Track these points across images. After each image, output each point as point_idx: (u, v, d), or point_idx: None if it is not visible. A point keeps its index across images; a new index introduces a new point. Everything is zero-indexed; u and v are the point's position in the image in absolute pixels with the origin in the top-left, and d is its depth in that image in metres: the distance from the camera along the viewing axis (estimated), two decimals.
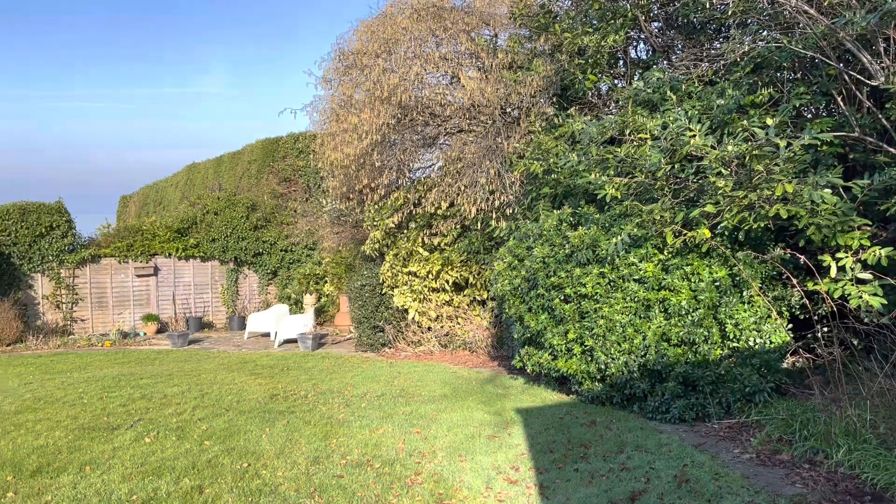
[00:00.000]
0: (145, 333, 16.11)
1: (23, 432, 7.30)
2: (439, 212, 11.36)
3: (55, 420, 7.80)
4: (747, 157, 6.23)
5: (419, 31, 10.13)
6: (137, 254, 16.45)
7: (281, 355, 12.83)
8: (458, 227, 11.53)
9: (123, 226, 17.16)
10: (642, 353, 7.42)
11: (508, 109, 10.51)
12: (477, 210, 10.24)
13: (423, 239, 11.93)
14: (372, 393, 9.07)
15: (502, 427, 7.29)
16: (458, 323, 12.34)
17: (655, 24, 9.65)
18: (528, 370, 8.74)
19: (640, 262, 7.52)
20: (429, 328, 12.45)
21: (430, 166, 12.71)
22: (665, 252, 7.46)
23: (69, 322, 15.76)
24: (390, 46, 10.22)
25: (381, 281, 12.53)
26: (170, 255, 16.88)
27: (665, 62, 9.57)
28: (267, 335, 15.66)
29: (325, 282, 17.07)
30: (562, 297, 8.05)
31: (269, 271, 17.93)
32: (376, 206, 12.39)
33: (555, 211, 8.66)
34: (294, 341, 14.35)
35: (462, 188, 10.30)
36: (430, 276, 11.99)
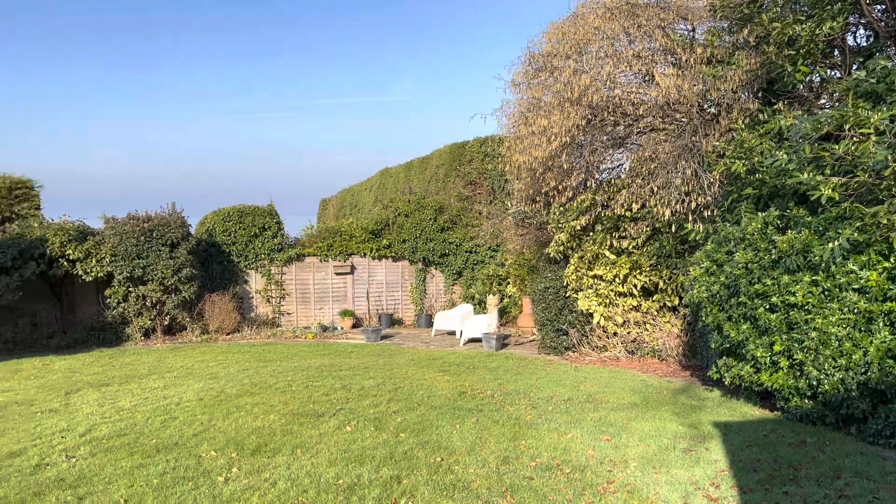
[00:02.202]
0: (342, 328, 17.23)
1: (243, 414, 8.10)
2: (628, 214, 11.05)
3: (269, 405, 8.57)
4: None
5: (611, 29, 9.90)
6: (336, 253, 17.64)
7: (466, 354, 13.15)
8: (648, 229, 11.14)
9: (324, 227, 18.49)
10: (863, 371, 6.72)
11: (706, 106, 9.97)
12: (671, 212, 9.82)
13: (609, 241, 11.66)
14: (558, 397, 9.02)
15: (699, 441, 6.94)
16: (647, 329, 11.92)
17: (879, 6, 8.69)
18: (726, 382, 8.24)
19: (861, 269, 6.80)
20: (614, 333, 12.16)
21: (619, 166, 12.40)
22: (892, 259, 6.69)
23: (277, 315, 17.27)
24: (581, 47, 10.09)
25: (564, 284, 12.42)
26: (364, 254, 17.92)
27: (892, 49, 8.58)
28: (452, 333, 16.12)
29: (508, 283, 17.24)
30: (767, 306, 7.49)
31: (454, 271, 18.45)
32: (562, 209, 12.29)
33: (759, 213, 8.07)
34: (478, 340, 14.64)
35: (655, 189, 9.92)
36: (616, 279, 11.70)
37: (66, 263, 14.43)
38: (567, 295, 12.47)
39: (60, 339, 14.41)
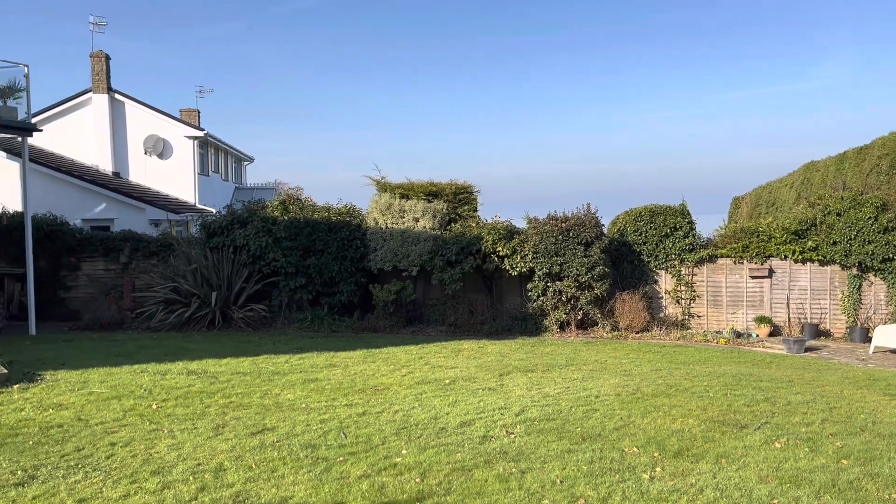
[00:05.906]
0: (757, 335, 16.06)
1: (660, 415, 8.09)
2: None
3: (686, 408, 8.40)
4: None
5: None
6: (752, 255, 16.50)
7: None
8: None
9: (738, 227, 17.42)
10: None
11: None
12: None
13: None
14: None
15: None
16: None
17: None
18: None
19: None
20: None
21: None
22: None
23: (686, 317, 16.86)
24: None
25: None
26: (785, 257, 16.41)
27: None
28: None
29: None
30: None
31: None
32: None
33: None
34: None
35: None
36: None
37: (496, 259, 16.24)
38: None
39: (490, 325, 16.24)
